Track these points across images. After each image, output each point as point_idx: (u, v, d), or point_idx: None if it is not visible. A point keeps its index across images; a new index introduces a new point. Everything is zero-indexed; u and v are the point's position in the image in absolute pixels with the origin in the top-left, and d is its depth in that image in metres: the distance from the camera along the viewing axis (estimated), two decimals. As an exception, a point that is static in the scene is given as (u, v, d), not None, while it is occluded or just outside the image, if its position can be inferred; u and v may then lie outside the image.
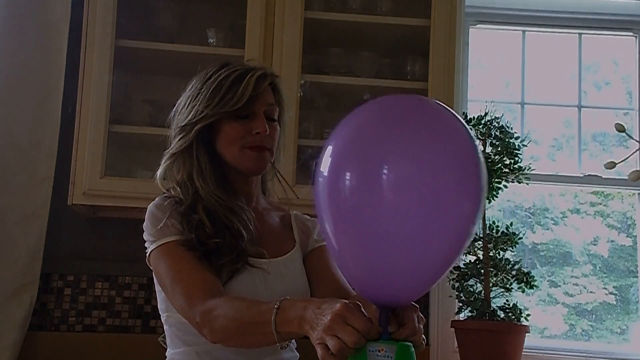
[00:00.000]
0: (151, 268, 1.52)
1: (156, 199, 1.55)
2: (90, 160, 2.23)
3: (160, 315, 1.58)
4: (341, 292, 1.52)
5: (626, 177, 2.45)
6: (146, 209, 1.54)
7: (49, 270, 2.43)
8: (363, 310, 1.08)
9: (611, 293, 2.77)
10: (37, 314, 2.42)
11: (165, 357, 1.57)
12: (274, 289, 1.49)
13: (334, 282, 1.58)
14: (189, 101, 1.55)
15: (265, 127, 1.53)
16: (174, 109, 1.60)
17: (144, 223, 1.52)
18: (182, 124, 1.53)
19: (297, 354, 1.63)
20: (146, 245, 1.51)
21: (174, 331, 1.53)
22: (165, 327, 1.56)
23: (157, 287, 1.53)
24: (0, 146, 2.33)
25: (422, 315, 1.14)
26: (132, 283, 2.49)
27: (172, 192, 1.54)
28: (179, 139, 1.53)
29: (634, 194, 2.80)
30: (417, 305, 1.14)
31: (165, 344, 1.59)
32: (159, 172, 1.57)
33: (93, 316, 2.46)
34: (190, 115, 1.52)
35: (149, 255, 1.50)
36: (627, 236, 2.82)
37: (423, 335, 1.12)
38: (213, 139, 1.55)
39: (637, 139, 2.55)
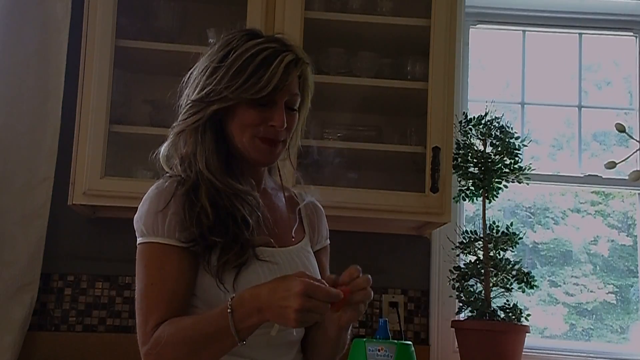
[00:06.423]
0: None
1: (158, 182, 1.46)
2: (90, 160, 2.22)
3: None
4: None
5: (626, 177, 2.45)
6: None
7: (49, 270, 2.44)
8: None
9: (611, 293, 2.77)
10: (37, 314, 2.42)
11: None
12: None
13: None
14: (206, 72, 1.46)
15: (282, 121, 1.44)
16: (189, 74, 1.51)
17: (140, 204, 1.44)
18: (195, 99, 1.45)
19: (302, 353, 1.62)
20: (135, 227, 1.45)
21: None
22: None
23: None
24: (0, 146, 2.33)
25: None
26: (132, 283, 2.44)
27: (176, 168, 1.46)
28: (190, 115, 1.45)
29: (634, 193, 2.80)
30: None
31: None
32: (162, 150, 1.49)
33: (93, 316, 2.46)
34: (206, 91, 1.44)
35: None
36: (627, 236, 2.82)
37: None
38: (225, 120, 1.47)
39: (638, 139, 2.55)
